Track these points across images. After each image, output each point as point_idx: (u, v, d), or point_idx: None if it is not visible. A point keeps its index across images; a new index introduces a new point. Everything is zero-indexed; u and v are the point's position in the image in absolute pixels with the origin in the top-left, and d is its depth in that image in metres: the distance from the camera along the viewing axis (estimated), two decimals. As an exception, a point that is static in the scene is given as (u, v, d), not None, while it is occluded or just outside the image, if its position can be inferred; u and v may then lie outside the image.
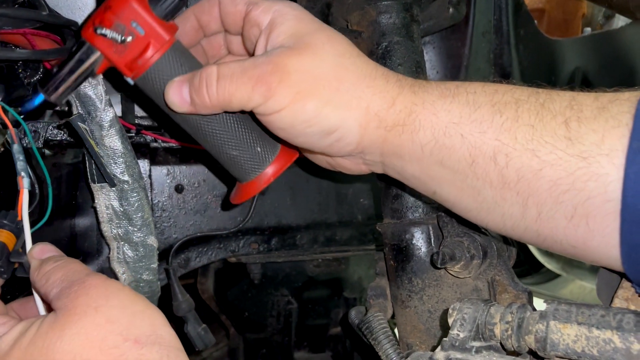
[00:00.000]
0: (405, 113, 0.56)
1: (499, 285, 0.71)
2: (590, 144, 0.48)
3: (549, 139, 0.50)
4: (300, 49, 0.57)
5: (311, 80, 0.56)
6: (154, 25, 0.59)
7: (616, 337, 0.45)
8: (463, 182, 0.55)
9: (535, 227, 0.53)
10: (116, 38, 0.58)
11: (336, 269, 1.28)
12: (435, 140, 0.55)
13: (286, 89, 0.55)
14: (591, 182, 0.48)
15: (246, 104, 0.57)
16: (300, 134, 0.58)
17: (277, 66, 0.56)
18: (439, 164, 0.56)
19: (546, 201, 0.50)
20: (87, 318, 0.51)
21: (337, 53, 0.58)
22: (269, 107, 0.57)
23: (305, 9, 0.62)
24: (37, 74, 0.76)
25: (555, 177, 0.49)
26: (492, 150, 0.52)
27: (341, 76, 0.57)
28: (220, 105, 0.58)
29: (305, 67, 0.56)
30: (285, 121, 0.57)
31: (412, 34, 0.79)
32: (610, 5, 1.24)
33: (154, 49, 0.59)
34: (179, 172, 0.97)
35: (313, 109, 0.56)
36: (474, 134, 0.53)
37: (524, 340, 0.50)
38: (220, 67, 0.58)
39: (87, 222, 0.91)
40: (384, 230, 0.79)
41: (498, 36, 1.18)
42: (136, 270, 0.83)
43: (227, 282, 1.23)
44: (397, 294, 0.78)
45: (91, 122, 0.73)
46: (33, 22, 0.67)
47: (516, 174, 0.51)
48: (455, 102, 0.55)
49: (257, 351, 1.30)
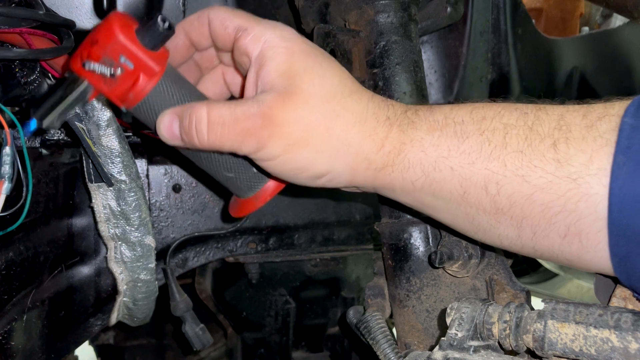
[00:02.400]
0: (394, 154, 0.57)
1: (497, 285, 0.71)
2: (579, 164, 0.48)
3: (538, 162, 0.50)
4: (290, 94, 0.56)
5: (301, 131, 0.56)
6: (143, 57, 0.57)
7: (614, 336, 0.45)
8: (457, 210, 0.56)
9: (532, 245, 0.54)
10: (105, 73, 0.57)
11: (334, 268, 1.28)
12: (425, 176, 0.56)
13: (277, 142, 0.56)
14: (581, 202, 0.48)
15: (237, 151, 0.58)
16: (292, 178, 0.60)
17: (267, 119, 0.55)
18: (431, 195, 0.57)
19: (540, 222, 0.51)
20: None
21: (328, 97, 0.57)
22: (260, 157, 0.58)
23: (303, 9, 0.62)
24: (34, 74, 0.76)
25: (546, 201, 0.50)
26: (482, 179, 0.53)
27: (331, 125, 0.57)
28: (211, 149, 0.58)
29: (296, 118, 0.56)
30: (277, 169, 0.59)
31: (410, 33, 0.79)
32: (608, 4, 1.24)
33: (144, 81, 0.58)
34: (177, 171, 0.97)
35: (304, 159, 0.57)
36: (463, 166, 0.54)
37: (522, 340, 0.50)
38: (211, 113, 0.56)
39: (84, 222, 0.91)
40: (381, 229, 0.79)
41: (496, 35, 1.18)
42: (134, 270, 0.83)
43: (225, 282, 1.23)
44: (395, 294, 0.78)
45: (88, 121, 0.73)
46: (30, 21, 0.67)
47: (508, 200, 0.52)
48: (444, 135, 0.55)
49: (255, 351, 1.29)
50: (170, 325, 1.51)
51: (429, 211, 0.60)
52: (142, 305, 0.88)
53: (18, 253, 0.76)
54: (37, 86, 0.78)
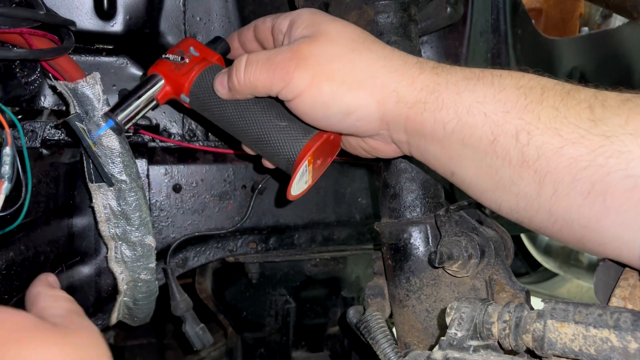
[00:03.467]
0: (427, 91, 0.58)
1: (497, 285, 0.71)
2: (614, 125, 0.49)
3: (572, 119, 0.51)
4: (316, 36, 0.62)
5: (325, 63, 0.60)
6: (206, 48, 0.75)
7: (613, 336, 0.45)
8: (482, 161, 0.56)
9: (549, 207, 0.53)
10: (176, 59, 0.73)
11: (334, 268, 1.28)
12: (458, 119, 0.56)
13: (302, 73, 0.61)
14: (612, 158, 0.48)
15: (270, 89, 0.63)
16: (322, 117, 0.63)
17: (294, 53, 0.61)
18: (460, 142, 0.57)
19: (564, 178, 0.51)
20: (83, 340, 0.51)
21: (351, 39, 0.62)
22: (289, 92, 0.62)
23: None
24: (35, 74, 0.76)
25: (576, 155, 0.50)
26: (514, 128, 0.53)
27: (354, 58, 0.61)
28: (248, 88, 0.65)
29: (320, 52, 0.61)
30: (306, 104, 0.62)
31: (410, 34, 0.79)
32: (608, 4, 1.24)
33: (205, 62, 0.73)
34: (177, 171, 0.97)
35: (328, 91, 0.60)
36: (497, 112, 0.54)
37: (522, 339, 0.50)
38: (250, 55, 0.65)
39: (84, 222, 0.91)
40: (381, 229, 0.79)
41: (496, 36, 1.18)
42: (134, 270, 0.83)
43: (225, 282, 1.23)
44: (395, 293, 0.78)
45: (89, 121, 0.73)
46: (30, 21, 0.67)
47: (536, 151, 0.52)
48: (480, 83, 0.56)
49: (255, 351, 1.30)
50: (171, 325, 1.51)
51: (453, 166, 0.59)
52: (142, 305, 0.88)
53: (18, 253, 0.76)
54: (37, 86, 0.78)
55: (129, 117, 0.72)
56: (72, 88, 0.72)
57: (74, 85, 0.72)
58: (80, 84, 0.72)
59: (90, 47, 0.88)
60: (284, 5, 0.99)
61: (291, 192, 0.70)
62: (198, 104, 0.73)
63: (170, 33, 0.92)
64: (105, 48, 0.89)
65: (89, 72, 0.74)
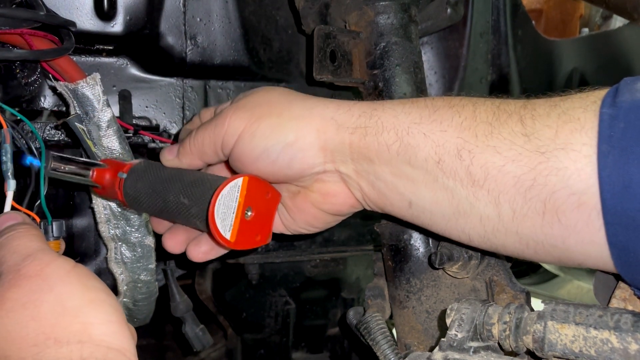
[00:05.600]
0: (365, 117, 0.60)
1: (497, 286, 0.71)
2: (545, 139, 0.49)
3: (507, 135, 0.52)
4: (253, 92, 0.67)
5: (263, 105, 0.64)
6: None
7: (614, 337, 0.45)
8: (435, 183, 0.56)
9: (515, 228, 0.53)
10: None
11: (334, 269, 1.28)
12: (400, 141, 0.57)
13: (240, 114, 0.64)
14: (552, 176, 0.49)
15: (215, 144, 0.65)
16: (261, 152, 0.62)
17: (232, 105, 0.66)
18: (407, 163, 0.57)
19: (516, 198, 0.51)
20: (13, 315, 0.49)
21: (284, 91, 0.67)
22: (230, 137, 0.64)
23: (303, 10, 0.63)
24: (35, 74, 0.76)
25: (518, 173, 0.51)
26: (455, 147, 0.54)
27: (290, 99, 0.64)
28: (197, 150, 0.67)
29: (256, 99, 0.65)
30: (246, 143, 0.63)
31: (410, 35, 0.79)
32: (608, 6, 1.24)
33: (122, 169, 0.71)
34: (177, 172, 0.97)
35: (266, 125, 0.62)
36: (435, 132, 0.55)
37: (522, 341, 0.50)
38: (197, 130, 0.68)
39: (84, 223, 0.91)
40: (382, 230, 0.79)
41: (496, 37, 1.18)
42: (134, 271, 0.83)
43: (225, 283, 1.23)
44: (395, 295, 0.78)
45: (89, 122, 0.73)
46: (31, 22, 0.67)
47: (482, 170, 0.53)
48: (414, 106, 0.58)
49: (255, 352, 1.29)
50: (171, 326, 1.51)
51: (408, 192, 0.58)
52: (142, 306, 0.88)
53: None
54: (37, 87, 0.78)
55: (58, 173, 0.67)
56: (72, 89, 0.72)
57: (74, 86, 0.72)
58: (80, 85, 0.72)
59: (91, 47, 0.88)
60: (285, 6, 0.99)
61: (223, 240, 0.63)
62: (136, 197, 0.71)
63: (171, 34, 0.92)
64: (106, 49, 0.89)
65: (89, 72, 0.74)
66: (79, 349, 0.48)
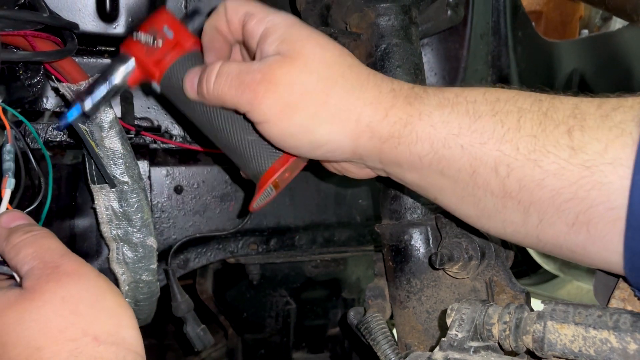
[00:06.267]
0: (400, 125, 0.55)
1: (497, 286, 0.71)
2: (593, 153, 0.47)
3: (551, 148, 0.49)
4: (291, 57, 0.57)
5: (298, 93, 0.56)
6: (182, 28, 0.67)
7: (613, 337, 0.46)
8: (464, 191, 0.55)
9: (536, 233, 0.52)
10: (149, 41, 0.66)
11: (335, 269, 1.28)
12: (434, 152, 0.54)
13: (272, 100, 0.56)
14: (594, 190, 0.47)
15: (236, 107, 0.59)
16: (290, 146, 0.59)
17: (265, 75, 0.57)
18: (438, 173, 0.55)
19: (548, 209, 0.50)
20: (51, 306, 0.49)
21: (327, 63, 0.58)
22: (256, 116, 0.58)
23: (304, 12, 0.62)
24: (38, 76, 0.77)
25: (558, 187, 0.49)
26: (493, 161, 0.52)
27: (329, 89, 0.56)
28: (216, 100, 0.61)
29: (293, 79, 0.56)
30: (273, 132, 0.58)
31: (411, 36, 0.79)
32: (608, 7, 1.24)
33: (179, 48, 0.67)
34: (178, 173, 0.97)
35: (299, 123, 0.57)
36: (474, 145, 0.52)
37: (522, 341, 0.50)
38: (222, 65, 0.60)
39: (86, 223, 0.91)
40: (382, 231, 0.79)
41: (496, 38, 1.19)
42: (135, 271, 0.83)
43: (226, 283, 1.24)
44: (395, 295, 0.78)
45: (91, 123, 0.73)
46: (34, 23, 0.68)
47: (518, 183, 0.51)
48: (454, 112, 0.54)
49: (256, 352, 1.30)
50: (172, 326, 1.52)
51: (434, 191, 0.58)
52: (143, 306, 0.88)
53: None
54: (40, 88, 0.79)
55: (97, 102, 0.68)
56: (75, 90, 0.72)
57: (77, 87, 0.72)
58: (82, 86, 0.72)
59: (93, 49, 0.89)
60: (286, 8, 0.99)
61: (254, 205, 0.68)
62: (169, 96, 0.70)
63: (172, 35, 0.92)
64: (108, 50, 0.89)
65: (91, 74, 0.74)
66: (114, 351, 0.49)
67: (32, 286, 0.51)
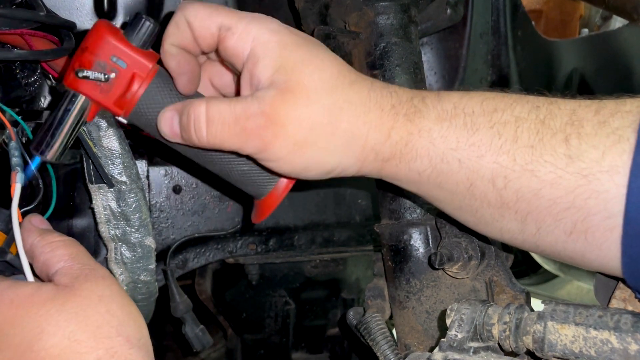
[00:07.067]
0: (401, 144, 0.55)
1: (497, 286, 0.71)
2: (590, 160, 0.47)
3: (548, 157, 0.49)
4: (291, 91, 0.54)
5: (307, 129, 0.54)
6: (135, 55, 0.57)
7: (614, 337, 0.45)
8: (461, 202, 0.55)
9: (534, 241, 0.53)
10: (99, 77, 0.56)
11: (334, 269, 1.28)
12: (432, 167, 0.55)
13: (282, 142, 0.54)
14: (591, 199, 0.47)
15: (239, 151, 0.56)
16: (301, 176, 0.59)
17: (270, 117, 0.53)
18: (436, 186, 0.56)
19: (545, 219, 0.50)
20: (90, 302, 0.52)
21: (329, 89, 0.55)
22: (264, 158, 0.56)
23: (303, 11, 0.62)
24: (35, 75, 0.76)
25: (554, 196, 0.49)
26: (490, 173, 0.52)
27: (335, 119, 0.55)
28: (211, 147, 0.57)
29: (299, 115, 0.54)
30: (285, 169, 0.57)
31: (410, 35, 0.79)
32: (608, 6, 1.24)
33: (139, 79, 0.58)
34: (177, 172, 0.97)
35: (310, 158, 0.56)
36: (471, 158, 0.52)
37: (522, 341, 0.50)
38: (210, 109, 0.55)
39: (84, 223, 0.91)
40: (381, 231, 0.79)
41: (496, 37, 1.19)
42: (134, 271, 0.83)
43: (225, 283, 1.23)
44: (395, 295, 0.78)
45: (89, 122, 0.73)
46: (31, 22, 0.67)
47: (515, 194, 0.51)
48: (452, 126, 0.53)
49: (255, 352, 1.30)
50: (170, 326, 1.51)
51: (432, 201, 0.59)
52: (142, 307, 0.88)
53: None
54: (37, 87, 0.78)
55: (58, 151, 0.60)
56: None
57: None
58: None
59: (91, 48, 0.88)
60: (284, 6, 0.99)
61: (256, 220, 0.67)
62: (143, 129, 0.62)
63: (171, 34, 0.92)
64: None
65: (89, 73, 0.74)
66: (142, 355, 0.51)
67: (70, 283, 0.53)
